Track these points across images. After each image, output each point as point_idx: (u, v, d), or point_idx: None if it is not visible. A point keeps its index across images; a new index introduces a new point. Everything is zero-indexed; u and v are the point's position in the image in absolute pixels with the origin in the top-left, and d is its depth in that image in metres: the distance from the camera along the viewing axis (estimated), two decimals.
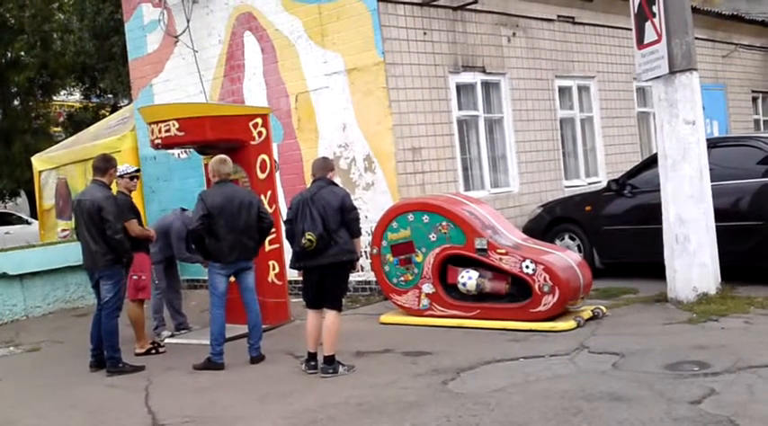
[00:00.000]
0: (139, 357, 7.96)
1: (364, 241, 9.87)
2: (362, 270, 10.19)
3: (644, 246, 9.13)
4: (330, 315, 6.68)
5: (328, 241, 6.55)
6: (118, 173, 7.96)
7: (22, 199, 27.84)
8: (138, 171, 8.43)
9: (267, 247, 8.81)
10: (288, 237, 6.88)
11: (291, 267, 7.03)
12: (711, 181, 8.22)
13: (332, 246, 6.58)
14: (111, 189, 7.61)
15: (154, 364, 7.61)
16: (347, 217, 6.68)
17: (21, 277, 11.16)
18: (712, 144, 8.76)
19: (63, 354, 8.68)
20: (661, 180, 8.31)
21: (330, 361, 6.61)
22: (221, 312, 7.34)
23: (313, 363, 6.74)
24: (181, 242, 8.68)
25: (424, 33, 10.38)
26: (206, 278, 7.76)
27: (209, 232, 7.23)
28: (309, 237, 6.47)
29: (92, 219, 7.30)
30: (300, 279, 6.95)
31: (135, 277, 7.94)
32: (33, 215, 21.39)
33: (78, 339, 8.70)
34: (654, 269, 8.71)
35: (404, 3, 10.18)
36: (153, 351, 8.15)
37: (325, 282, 6.70)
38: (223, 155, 7.74)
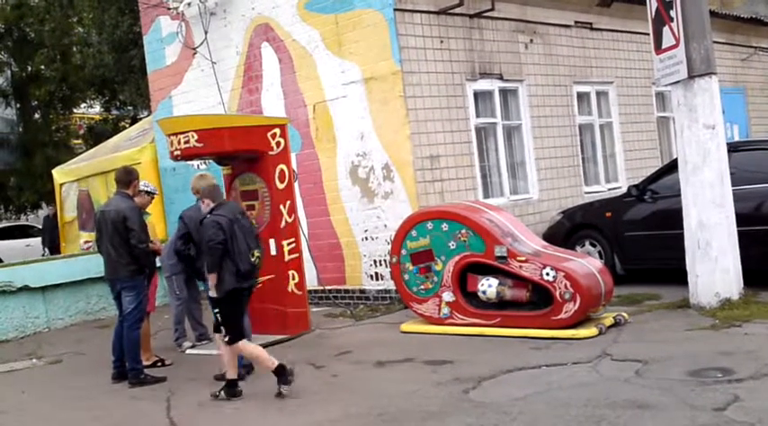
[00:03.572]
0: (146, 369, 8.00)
1: (383, 250, 9.94)
2: (382, 279, 10.20)
3: (665, 252, 9.06)
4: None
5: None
6: (142, 188, 8.12)
7: (44, 212, 28.07)
8: (155, 192, 8.64)
9: (287, 257, 8.84)
10: (218, 258, 6.44)
11: (228, 290, 6.52)
12: (732, 185, 8.15)
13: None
14: (134, 200, 7.68)
15: (175, 375, 7.63)
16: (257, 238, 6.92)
17: (43, 289, 11.24)
18: (733, 148, 8.69)
19: (85, 366, 8.72)
20: (681, 185, 8.25)
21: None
22: None
23: (240, 389, 6.62)
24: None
25: (441, 41, 10.39)
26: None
27: (194, 249, 7.37)
28: (258, 254, 6.59)
29: (116, 229, 7.36)
30: (322, 288, 6.94)
31: None
32: None
33: (100, 350, 8.74)
34: (676, 274, 8.64)
35: (420, 11, 10.19)
36: (159, 364, 8.16)
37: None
38: (203, 172, 8.01)
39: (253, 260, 6.57)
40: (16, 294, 10.94)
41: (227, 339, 6.53)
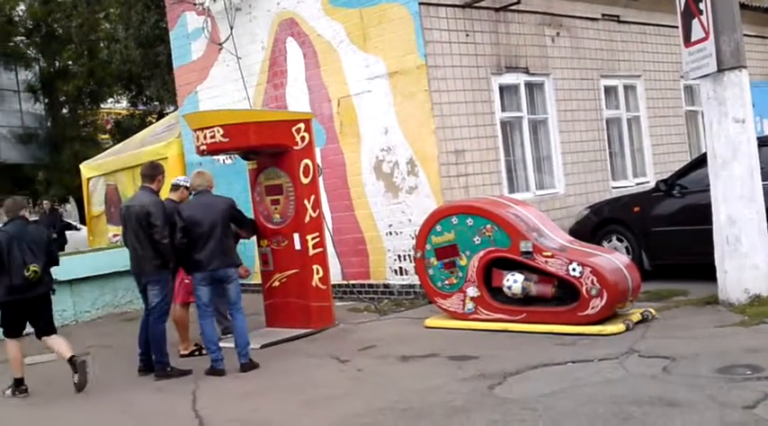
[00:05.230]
0: (183, 358, 8.17)
1: (407, 245, 9.91)
2: (406, 274, 10.17)
3: (694, 247, 8.94)
4: (55, 338, 7.48)
5: (45, 272, 7.27)
6: (181, 183, 8.35)
7: (71, 206, 28.38)
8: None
9: (311, 251, 8.83)
10: None
11: (2, 302, 7.27)
12: (763, 180, 8.04)
13: (46, 276, 7.29)
14: (159, 195, 7.73)
15: (201, 368, 7.65)
16: (50, 249, 7.50)
17: (70, 282, 11.34)
18: (763, 142, 8.56)
19: (112, 359, 8.79)
20: (711, 180, 8.15)
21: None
22: (207, 321, 7.57)
23: (24, 387, 7.39)
24: None
25: (467, 35, 10.33)
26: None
27: (190, 243, 7.50)
28: (35, 269, 7.07)
29: (140, 224, 7.41)
30: (346, 283, 6.95)
31: (186, 281, 8.08)
32: (82, 221, 21.78)
33: (127, 343, 8.80)
34: (704, 270, 8.53)
35: (445, 5, 10.14)
36: (196, 353, 8.29)
37: (40, 311, 7.40)
38: (200, 169, 8.44)
39: (27, 274, 7.04)
40: None
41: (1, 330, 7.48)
